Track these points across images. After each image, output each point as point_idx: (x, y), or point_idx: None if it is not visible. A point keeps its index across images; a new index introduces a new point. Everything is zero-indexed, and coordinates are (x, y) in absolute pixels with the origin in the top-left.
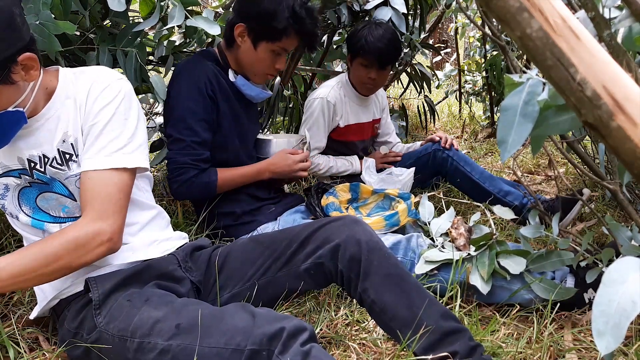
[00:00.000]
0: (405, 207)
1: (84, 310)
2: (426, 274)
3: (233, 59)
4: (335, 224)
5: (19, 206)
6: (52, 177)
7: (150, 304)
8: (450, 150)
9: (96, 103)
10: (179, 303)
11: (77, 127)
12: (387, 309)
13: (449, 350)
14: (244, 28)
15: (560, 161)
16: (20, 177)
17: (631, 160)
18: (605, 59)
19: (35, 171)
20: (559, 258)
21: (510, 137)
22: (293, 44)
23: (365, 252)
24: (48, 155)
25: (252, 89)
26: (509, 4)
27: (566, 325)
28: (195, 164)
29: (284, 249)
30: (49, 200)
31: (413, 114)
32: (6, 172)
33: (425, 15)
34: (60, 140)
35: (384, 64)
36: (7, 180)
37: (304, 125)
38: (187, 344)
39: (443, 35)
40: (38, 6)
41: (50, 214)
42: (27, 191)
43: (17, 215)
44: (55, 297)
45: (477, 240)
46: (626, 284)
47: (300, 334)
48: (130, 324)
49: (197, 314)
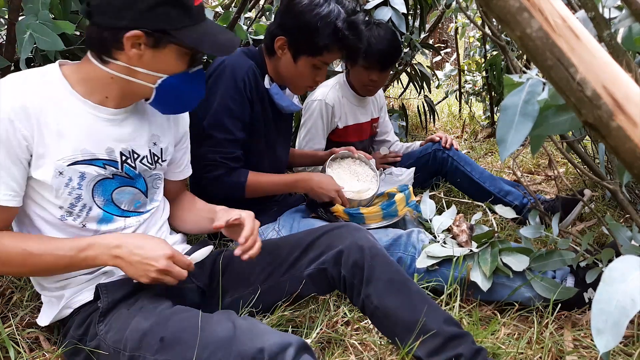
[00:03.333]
0: (402, 196)
1: (90, 317)
2: (427, 269)
3: (272, 68)
4: (338, 231)
5: (92, 198)
6: (139, 173)
7: (142, 314)
8: (451, 150)
9: (183, 123)
10: (167, 312)
11: (170, 137)
12: (390, 314)
13: (454, 354)
14: (284, 41)
15: (560, 161)
16: (105, 167)
17: (631, 160)
18: (605, 59)
19: (126, 165)
20: (560, 258)
21: (509, 137)
22: (334, 58)
23: (368, 258)
24: (138, 152)
25: (284, 99)
26: (509, 4)
27: (566, 325)
28: (224, 162)
29: (287, 254)
30: (127, 194)
31: (413, 114)
32: (90, 159)
33: (425, 15)
34: (151, 142)
35: (386, 66)
36: (88, 169)
37: (303, 127)
38: (171, 359)
39: (443, 35)
40: (37, 6)
41: (120, 207)
42: (107, 183)
43: (91, 207)
44: (67, 307)
45: (480, 237)
46: (626, 283)
47: (284, 352)
48: (123, 336)
49: (182, 326)
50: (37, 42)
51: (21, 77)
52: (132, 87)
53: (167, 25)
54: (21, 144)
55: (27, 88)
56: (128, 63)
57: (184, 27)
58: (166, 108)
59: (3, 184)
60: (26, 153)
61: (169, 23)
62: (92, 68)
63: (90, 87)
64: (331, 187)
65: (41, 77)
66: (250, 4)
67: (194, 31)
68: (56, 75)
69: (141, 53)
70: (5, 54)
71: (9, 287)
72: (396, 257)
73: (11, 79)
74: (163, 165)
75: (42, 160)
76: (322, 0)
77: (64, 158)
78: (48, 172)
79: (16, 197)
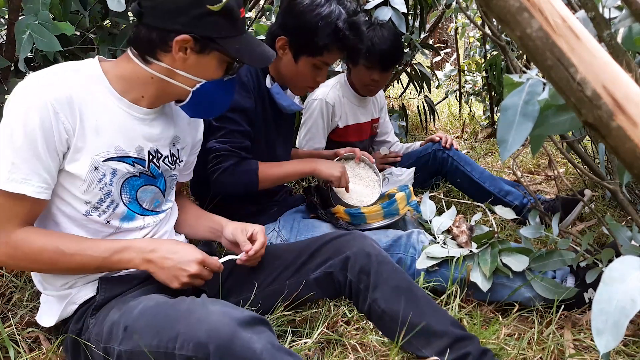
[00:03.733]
0: (403, 194)
1: (87, 311)
2: (427, 270)
3: (273, 67)
4: (345, 238)
5: (120, 195)
6: (161, 173)
7: (118, 305)
8: (451, 150)
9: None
10: (135, 302)
11: (189, 140)
12: (398, 317)
13: (462, 352)
14: (285, 41)
15: (560, 161)
16: (134, 165)
17: (631, 160)
18: (605, 59)
19: (152, 164)
20: (560, 258)
21: (510, 137)
22: (335, 58)
23: (374, 264)
24: (162, 151)
25: (285, 99)
26: (509, 4)
27: (566, 325)
28: (235, 151)
29: (294, 258)
30: (149, 192)
31: (413, 114)
32: (122, 157)
33: (425, 15)
34: (172, 143)
35: (387, 67)
36: (119, 166)
37: (304, 126)
38: (131, 349)
39: (443, 35)
40: (37, 6)
41: (142, 206)
42: (134, 181)
43: (118, 204)
44: (72, 303)
45: (480, 237)
46: (626, 283)
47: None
48: (102, 329)
49: (143, 312)
50: (35, 42)
51: (64, 68)
52: (170, 88)
53: (215, 33)
54: (62, 137)
55: (72, 80)
56: (171, 65)
57: (229, 36)
58: (195, 112)
59: (36, 175)
60: (64, 146)
61: (217, 31)
62: (132, 66)
63: (127, 85)
64: (337, 167)
65: (84, 70)
66: (250, 4)
67: (237, 41)
68: (97, 71)
69: (186, 57)
70: (5, 54)
71: (9, 287)
72: (396, 258)
73: (54, 69)
74: (180, 166)
75: (79, 154)
76: (324, 0)
77: (100, 154)
78: (84, 166)
79: (48, 189)
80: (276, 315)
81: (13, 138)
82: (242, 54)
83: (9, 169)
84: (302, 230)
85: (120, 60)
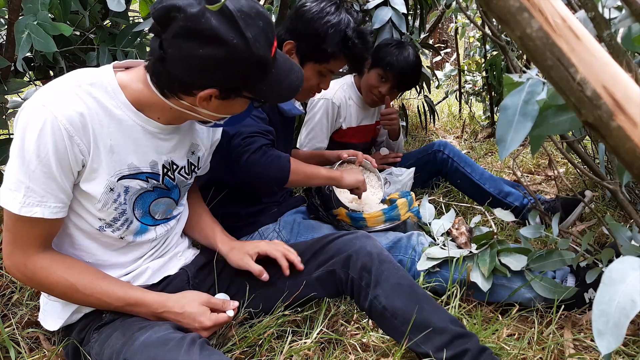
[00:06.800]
0: (404, 200)
1: (91, 323)
2: (427, 271)
3: None
4: (347, 237)
5: (133, 211)
6: (176, 184)
7: (121, 331)
8: (451, 151)
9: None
10: (138, 334)
11: (207, 143)
12: (398, 313)
13: (461, 349)
14: (292, 46)
15: (560, 161)
16: (147, 180)
17: (631, 160)
18: (605, 59)
19: (167, 177)
20: (560, 258)
21: (509, 136)
22: (340, 66)
23: (376, 262)
24: (178, 163)
25: (287, 103)
26: (509, 4)
27: (566, 325)
28: (264, 134)
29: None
30: (162, 204)
31: (413, 114)
32: (135, 174)
33: (425, 15)
34: (190, 152)
35: (399, 85)
36: (132, 183)
37: (306, 125)
38: None
39: (443, 35)
40: (37, 6)
41: (154, 217)
42: (147, 195)
43: (132, 220)
44: (78, 312)
45: (479, 238)
46: (626, 283)
47: None
48: (102, 350)
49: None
50: (33, 42)
51: (78, 82)
52: (191, 117)
53: (243, 85)
54: (77, 158)
55: (86, 97)
56: (192, 104)
57: (257, 82)
58: (216, 125)
59: (52, 197)
60: (79, 165)
61: (244, 83)
62: (149, 92)
63: (143, 105)
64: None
65: (99, 83)
66: None
67: (265, 83)
68: (113, 83)
69: (210, 102)
70: (5, 54)
71: (9, 286)
72: (396, 260)
73: (68, 83)
74: (198, 172)
75: (94, 174)
76: (333, 8)
77: (114, 174)
78: (99, 187)
79: (64, 208)
80: (276, 315)
81: (25, 161)
82: (268, 96)
83: (24, 193)
84: (302, 231)
85: (137, 79)
